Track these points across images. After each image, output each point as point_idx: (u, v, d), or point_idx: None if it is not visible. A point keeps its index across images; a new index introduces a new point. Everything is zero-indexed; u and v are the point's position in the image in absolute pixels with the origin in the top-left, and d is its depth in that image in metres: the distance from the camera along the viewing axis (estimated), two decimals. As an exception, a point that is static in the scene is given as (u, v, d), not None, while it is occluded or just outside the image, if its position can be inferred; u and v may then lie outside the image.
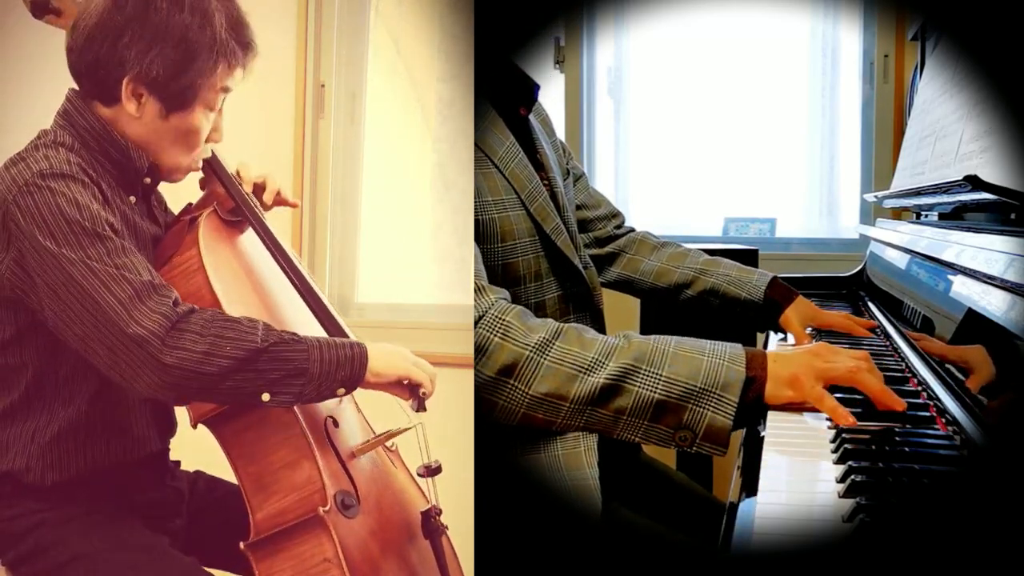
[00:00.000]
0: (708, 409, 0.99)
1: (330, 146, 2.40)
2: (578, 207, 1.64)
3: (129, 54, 1.18)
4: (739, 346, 1.04)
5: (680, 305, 1.65)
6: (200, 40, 1.20)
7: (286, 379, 1.11)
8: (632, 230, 1.72)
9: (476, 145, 1.25)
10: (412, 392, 1.22)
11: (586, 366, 1.04)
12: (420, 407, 1.25)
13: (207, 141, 1.28)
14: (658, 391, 1.01)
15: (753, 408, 1.02)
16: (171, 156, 1.26)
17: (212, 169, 1.33)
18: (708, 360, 1.02)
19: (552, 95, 2.78)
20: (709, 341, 1.05)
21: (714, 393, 1.00)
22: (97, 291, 1.08)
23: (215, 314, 1.12)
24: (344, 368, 1.15)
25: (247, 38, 1.26)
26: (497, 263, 1.25)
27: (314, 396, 1.15)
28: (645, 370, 1.02)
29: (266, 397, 1.11)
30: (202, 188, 1.38)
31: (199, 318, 1.10)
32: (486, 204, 1.24)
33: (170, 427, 1.35)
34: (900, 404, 0.98)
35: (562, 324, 1.08)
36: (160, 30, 1.18)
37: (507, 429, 1.23)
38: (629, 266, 1.68)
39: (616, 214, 1.72)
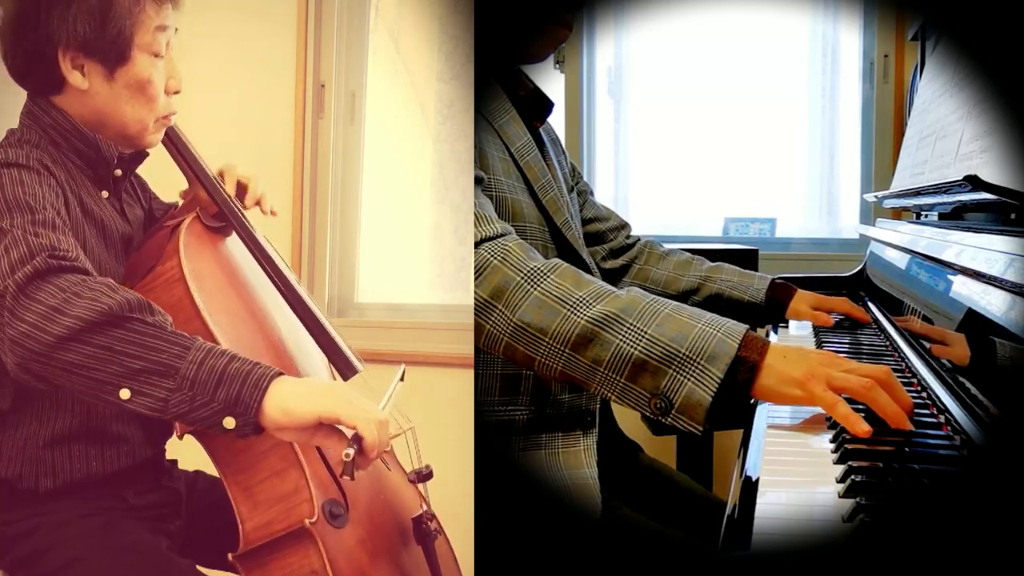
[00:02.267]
0: (688, 379, 0.95)
1: (330, 146, 2.40)
2: (591, 220, 1.67)
3: (52, 25, 1.17)
4: (743, 325, 0.99)
5: None
6: None
7: (149, 374, 0.94)
8: (639, 239, 1.75)
9: (496, 132, 1.25)
10: (347, 442, 0.97)
11: (571, 303, 1.00)
12: (346, 471, 0.97)
13: (167, 92, 1.25)
14: (638, 348, 0.97)
15: (740, 392, 0.96)
16: (132, 118, 1.23)
17: (171, 141, 1.31)
18: (701, 328, 0.97)
19: (552, 95, 2.77)
20: (714, 314, 1.00)
21: (698, 363, 0.95)
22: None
23: (102, 278, 1.00)
24: (229, 386, 0.94)
25: None
26: None
27: (186, 412, 0.94)
28: (630, 323, 0.98)
29: (126, 394, 0.94)
30: (184, 197, 1.37)
31: (76, 276, 0.98)
32: (499, 182, 1.23)
33: (165, 431, 1.34)
34: (908, 426, 0.93)
35: (564, 263, 1.05)
36: None
37: (506, 429, 1.23)
38: (639, 276, 1.72)
39: (625, 225, 1.75)
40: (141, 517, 1.27)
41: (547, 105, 1.39)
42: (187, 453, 1.37)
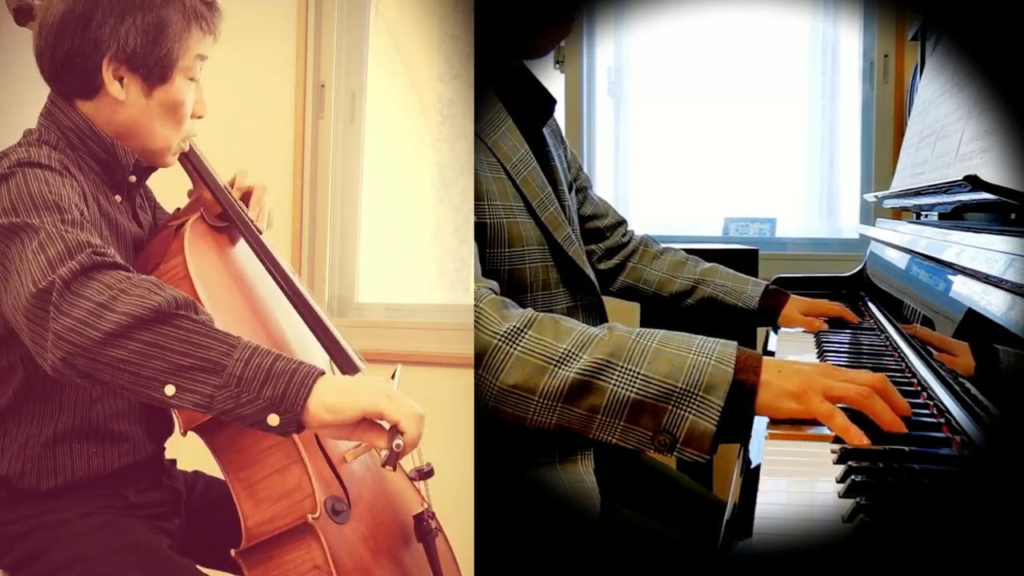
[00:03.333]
0: (690, 412, 0.93)
1: (330, 146, 2.40)
2: (590, 218, 1.66)
3: (103, 33, 1.18)
4: (733, 344, 0.97)
5: (680, 311, 1.71)
6: (170, 4, 1.20)
7: (195, 371, 0.94)
8: (634, 236, 1.74)
9: (489, 150, 1.23)
10: (389, 437, 1.00)
11: (557, 358, 0.98)
12: (389, 461, 1.01)
13: (192, 116, 1.27)
14: (634, 390, 0.95)
15: (743, 414, 0.95)
16: (160, 135, 1.25)
17: (189, 161, 1.32)
18: (692, 358, 0.95)
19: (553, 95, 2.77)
20: (701, 337, 0.99)
21: (696, 395, 0.93)
22: (33, 251, 1.01)
23: (146, 276, 1.01)
24: (275, 384, 0.95)
25: None
26: (503, 267, 1.23)
27: (232, 408, 0.95)
28: (621, 366, 0.96)
29: (171, 390, 0.94)
30: (190, 197, 1.38)
31: (120, 273, 0.99)
32: (494, 207, 1.22)
33: (166, 429, 1.35)
34: (903, 431, 0.92)
35: (539, 313, 1.03)
36: (129, 2, 1.18)
37: (505, 429, 1.23)
38: (632, 274, 1.72)
39: (622, 222, 1.74)
40: (141, 516, 1.27)
41: (548, 105, 1.37)
42: (187, 453, 1.38)
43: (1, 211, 1.07)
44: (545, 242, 1.26)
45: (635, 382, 0.96)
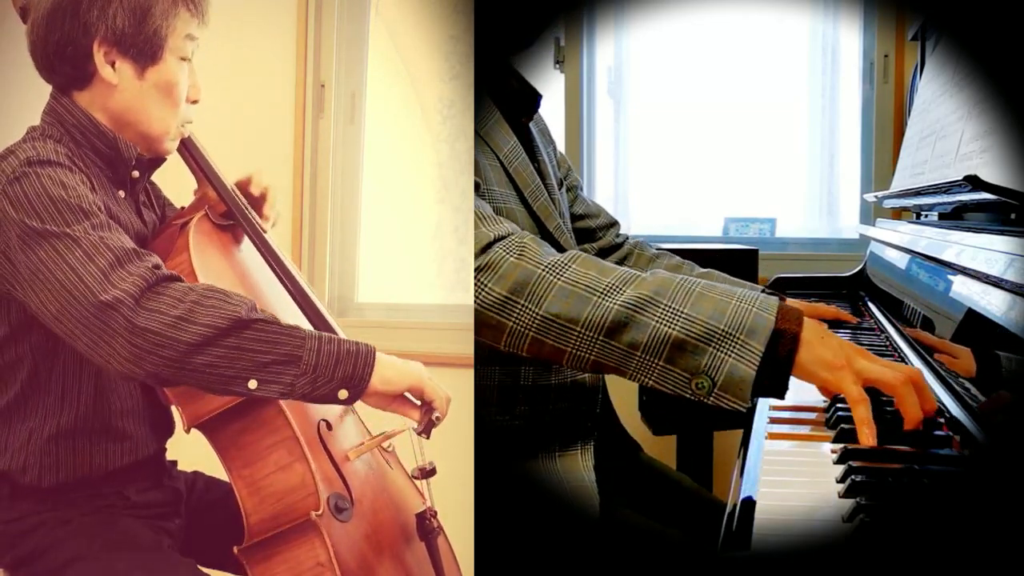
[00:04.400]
0: (730, 355, 0.92)
1: (330, 146, 2.40)
2: (581, 217, 1.65)
3: (92, 16, 1.19)
4: (775, 296, 0.98)
5: None
6: None
7: (275, 365, 1.04)
8: (627, 239, 1.73)
9: (483, 139, 1.24)
10: (423, 411, 1.14)
11: (601, 289, 0.98)
12: (426, 430, 1.14)
13: (188, 100, 1.28)
14: (677, 327, 0.94)
15: (783, 366, 0.93)
16: (157, 119, 1.25)
17: (193, 159, 1.33)
18: (735, 304, 0.95)
19: (552, 95, 2.78)
20: (744, 289, 0.99)
21: (738, 338, 0.93)
22: (80, 261, 1.05)
23: (203, 284, 1.08)
24: (345, 364, 1.06)
25: None
26: None
27: (309, 392, 1.05)
28: (665, 304, 0.96)
29: (253, 384, 1.03)
30: (196, 196, 1.38)
31: (182, 284, 1.06)
32: (492, 192, 1.22)
33: (168, 429, 1.35)
34: (921, 428, 0.91)
35: (583, 253, 1.04)
36: None
37: (505, 429, 1.23)
38: None
39: (615, 223, 1.72)
40: (142, 515, 1.27)
41: (534, 99, 1.37)
42: (187, 453, 1.38)
43: (24, 215, 1.08)
44: (537, 231, 1.27)
45: (677, 320, 0.95)
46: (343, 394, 1.07)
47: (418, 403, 1.14)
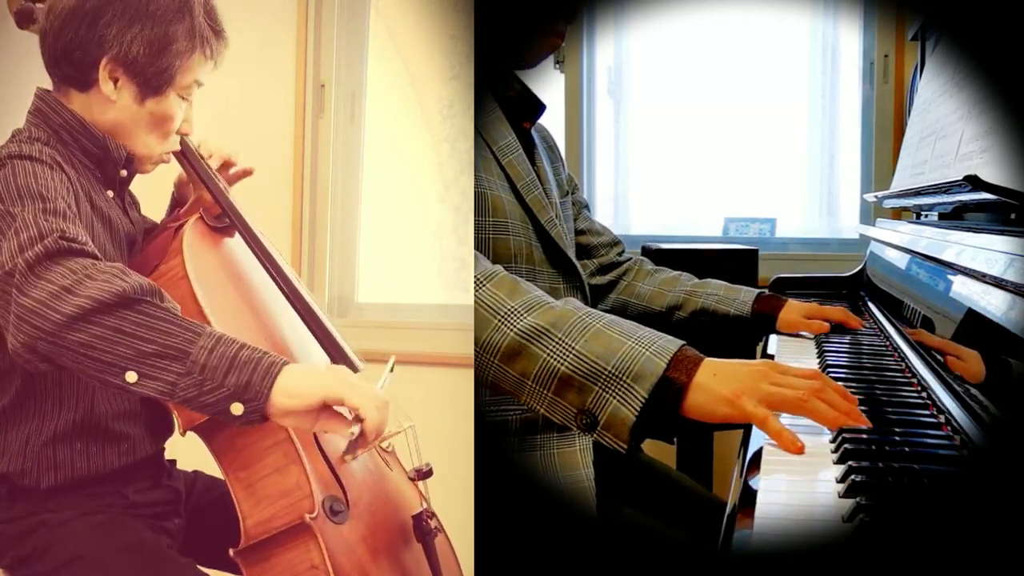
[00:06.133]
0: (614, 397, 0.93)
1: (330, 146, 2.40)
2: (583, 232, 1.67)
3: (109, 33, 1.19)
4: (677, 342, 0.96)
5: (673, 326, 1.67)
6: (180, 23, 1.21)
7: (157, 358, 0.94)
8: (630, 258, 1.74)
9: (478, 132, 1.26)
10: (348, 424, 1.00)
11: (502, 314, 0.99)
12: (350, 449, 1.01)
13: (179, 133, 1.28)
14: (565, 364, 0.96)
15: (668, 411, 0.94)
16: (144, 144, 1.26)
17: (188, 161, 1.33)
18: (631, 345, 0.95)
19: (552, 95, 2.78)
20: (650, 330, 0.98)
21: (623, 381, 0.93)
22: (6, 236, 1.01)
23: (112, 264, 0.99)
24: (240, 372, 0.95)
25: (220, 26, 1.28)
26: (487, 236, 1.25)
27: (194, 396, 0.95)
28: (558, 338, 0.97)
29: (132, 377, 0.94)
30: (175, 190, 1.38)
31: (85, 260, 0.98)
32: (480, 179, 1.24)
33: (166, 429, 1.35)
34: (866, 422, 0.92)
35: (505, 273, 1.04)
36: (141, 10, 1.19)
37: (502, 429, 1.23)
38: (626, 291, 1.71)
39: (618, 242, 1.74)
40: (142, 515, 1.27)
41: (536, 106, 1.39)
42: (187, 453, 1.38)
43: None
44: (528, 221, 1.28)
45: (567, 356, 0.96)
46: (237, 408, 0.95)
47: (348, 416, 1.01)
